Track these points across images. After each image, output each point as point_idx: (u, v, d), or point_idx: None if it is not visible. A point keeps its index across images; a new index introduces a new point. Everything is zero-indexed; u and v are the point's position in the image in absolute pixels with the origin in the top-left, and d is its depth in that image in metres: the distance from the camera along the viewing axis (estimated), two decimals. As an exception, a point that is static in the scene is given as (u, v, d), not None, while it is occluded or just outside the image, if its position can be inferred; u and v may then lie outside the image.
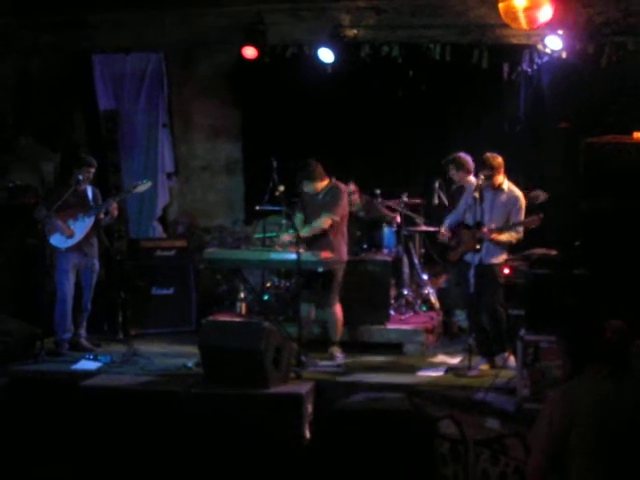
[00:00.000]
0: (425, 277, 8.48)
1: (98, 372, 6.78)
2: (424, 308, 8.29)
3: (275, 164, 7.34)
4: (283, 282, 8.18)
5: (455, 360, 7.09)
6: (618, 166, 6.45)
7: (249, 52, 8.82)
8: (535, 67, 8.40)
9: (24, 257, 8.50)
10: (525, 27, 7.43)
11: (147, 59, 9.46)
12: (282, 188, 7.03)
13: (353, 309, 7.41)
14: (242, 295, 8.28)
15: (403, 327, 7.71)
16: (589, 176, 6.55)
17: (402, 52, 8.72)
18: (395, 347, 7.50)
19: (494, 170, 6.68)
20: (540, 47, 8.20)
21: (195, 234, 9.63)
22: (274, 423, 5.81)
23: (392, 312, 7.92)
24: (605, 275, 5.93)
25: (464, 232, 6.85)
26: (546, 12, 7.28)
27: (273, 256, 7.05)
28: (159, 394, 6.19)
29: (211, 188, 9.76)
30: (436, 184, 8.09)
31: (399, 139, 8.78)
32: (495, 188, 6.74)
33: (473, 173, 7.38)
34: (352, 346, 7.42)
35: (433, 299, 8.31)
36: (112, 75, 9.51)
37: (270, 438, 5.74)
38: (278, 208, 7.31)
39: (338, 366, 6.95)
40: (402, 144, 8.77)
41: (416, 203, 8.45)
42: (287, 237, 7.16)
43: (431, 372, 6.85)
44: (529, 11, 7.23)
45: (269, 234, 8.07)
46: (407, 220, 8.35)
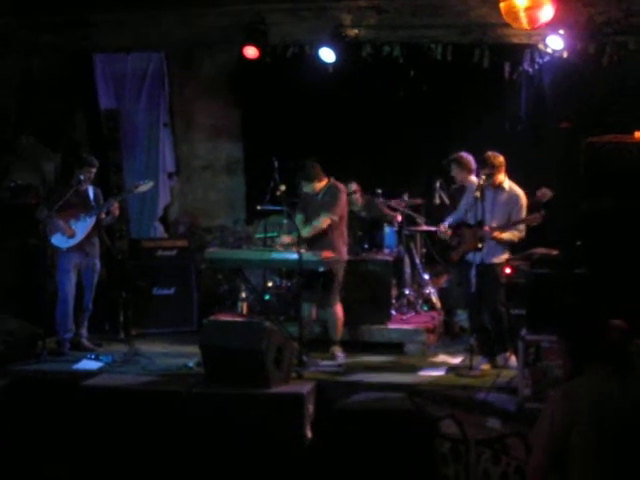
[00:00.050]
0: (426, 277, 8.48)
1: (99, 372, 6.78)
2: (425, 308, 8.29)
3: (276, 164, 7.34)
4: (284, 282, 8.17)
5: (456, 360, 7.09)
6: (619, 166, 6.43)
7: (250, 52, 8.82)
8: (536, 67, 8.40)
9: (25, 257, 8.49)
10: (526, 27, 7.44)
11: (148, 59, 9.46)
12: (283, 188, 7.02)
13: (354, 309, 7.41)
14: (243, 295, 8.28)
15: (404, 327, 7.71)
16: (590, 176, 6.53)
17: (403, 52, 8.72)
18: (396, 347, 7.50)
19: (495, 169, 6.68)
20: (541, 47, 8.20)
21: (196, 234, 9.63)
22: (275, 423, 5.80)
23: (393, 312, 7.92)
24: (606, 275, 5.92)
25: (466, 231, 6.84)
26: (547, 12, 7.29)
27: (274, 256, 7.04)
28: (160, 394, 6.19)
29: (212, 188, 9.76)
30: (437, 184, 8.10)
31: (400, 139, 8.77)
32: (496, 187, 6.74)
33: (475, 173, 7.38)
34: (353, 346, 7.42)
35: (434, 299, 8.31)
36: (113, 74, 9.50)
37: (271, 438, 5.74)
38: (279, 208, 7.29)
39: (339, 366, 6.94)
40: (403, 144, 8.76)
41: (417, 203, 8.46)
42: (287, 239, 7.17)
43: (432, 372, 6.85)
44: (530, 11, 7.24)
45: (270, 234, 8.08)
46: (408, 220, 8.36)
